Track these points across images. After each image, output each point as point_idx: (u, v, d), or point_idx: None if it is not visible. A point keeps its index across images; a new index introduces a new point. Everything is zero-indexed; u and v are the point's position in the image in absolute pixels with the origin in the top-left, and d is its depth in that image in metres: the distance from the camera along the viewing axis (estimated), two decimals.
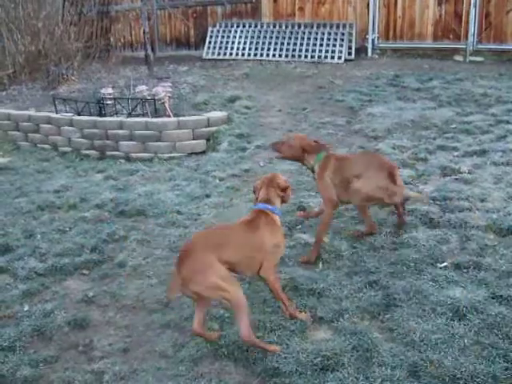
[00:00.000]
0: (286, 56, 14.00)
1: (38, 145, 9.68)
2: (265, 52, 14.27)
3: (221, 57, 14.65)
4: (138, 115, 9.22)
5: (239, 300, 3.84)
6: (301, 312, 4.31)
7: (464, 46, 12.86)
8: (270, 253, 4.20)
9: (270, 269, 4.19)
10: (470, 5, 12.79)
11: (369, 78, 11.54)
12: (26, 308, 4.69)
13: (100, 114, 9.44)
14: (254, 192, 4.53)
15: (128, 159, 8.70)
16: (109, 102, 9.62)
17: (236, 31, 14.84)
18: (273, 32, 14.49)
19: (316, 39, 13.95)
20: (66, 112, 9.64)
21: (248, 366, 3.80)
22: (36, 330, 4.36)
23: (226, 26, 15.08)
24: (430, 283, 4.54)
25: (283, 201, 4.48)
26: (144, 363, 3.95)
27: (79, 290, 4.97)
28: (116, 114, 9.42)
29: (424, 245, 5.13)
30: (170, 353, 4.03)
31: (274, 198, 4.39)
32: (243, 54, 14.49)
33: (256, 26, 14.77)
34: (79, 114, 9.45)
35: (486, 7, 12.84)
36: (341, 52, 13.59)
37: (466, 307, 4.14)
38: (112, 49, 15.71)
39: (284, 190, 4.43)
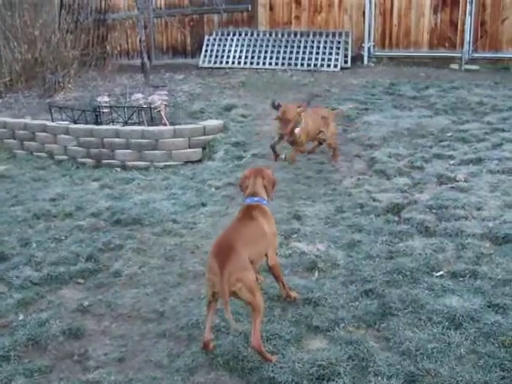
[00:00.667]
0: (283, 64, 14.02)
1: (34, 153, 9.67)
2: (261, 60, 14.30)
3: (217, 65, 14.68)
4: (134, 123, 9.22)
5: (261, 306, 3.92)
6: (292, 291, 4.59)
7: (460, 55, 12.91)
8: (272, 241, 4.40)
9: (274, 256, 4.43)
10: (465, 13, 12.84)
11: (365, 87, 11.57)
12: (21, 317, 4.66)
13: (96, 123, 9.44)
14: (241, 187, 4.60)
15: (124, 168, 8.69)
16: (105, 111, 9.63)
17: (232, 39, 14.87)
18: (269, 40, 14.52)
19: (312, 47, 13.98)
20: (62, 120, 9.64)
21: (243, 376, 3.78)
22: (31, 339, 4.33)
23: (223, 35, 15.11)
24: (426, 292, 4.52)
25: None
26: (139, 373, 3.93)
27: (74, 299, 4.94)
28: (112, 122, 9.42)
29: (420, 253, 5.12)
30: (165, 362, 4.01)
31: (260, 189, 4.48)
32: (239, 63, 14.51)
33: (252, 35, 14.80)
34: (75, 123, 9.45)
35: (481, 16, 12.89)
36: (337, 60, 13.62)
37: (462, 316, 4.13)
38: (108, 57, 15.72)
39: (271, 182, 4.56)
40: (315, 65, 13.72)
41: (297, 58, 14.00)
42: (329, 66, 13.62)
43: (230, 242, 4.01)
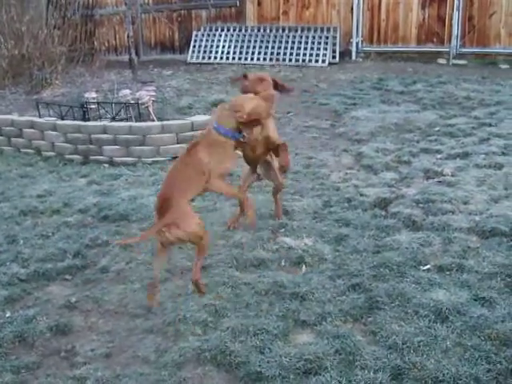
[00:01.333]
0: (271, 60, 14.03)
1: (21, 149, 9.61)
2: (249, 56, 14.31)
3: (205, 60, 14.68)
4: (121, 119, 9.19)
5: (205, 247, 4.57)
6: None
7: (447, 50, 12.98)
8: (214, 168, 4.61)
9: (216, 179, 4.65)
10: (453, 8, 12.91)
11: (353, 82, 11.61)
12: (8, 314, 4.64)
13: (84, 119, 9.40)
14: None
15: (112, 164, 8.66)
16: (92, 107, 9.59)
17: (220, 35, 14.88)
18: (257, 36, 14.54)
19: (300, 43, 14.01)
20: (50, 116, 9.60)
21: (231, 371, 3.79)
22: (18, 336, 4.32)
23: (211, 30, 15.11)
24: (413, 286, 4.54)
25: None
26: (127, 368, 3.92)
27: (62, 295, 4.93)
28: (100, 118, 9.39)
29: (407, 247, 5.14)
30: (152, 358, 4.00)
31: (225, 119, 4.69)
32: (228, 58, 14.52)
33: (240, 30, 14.81)
34: (63, 119, 9.41)
35: (469, 11, 12.96)
36: (325, 55, 13.65)
37: (449, 309, 4.15)
38: (96, 53, 15.66)
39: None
40: (303, 60, 13.74)
41: (285, 54, 14.02)
42: (317, 61, 13.64)
43: (167, 194, 4.48)
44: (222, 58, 14.60)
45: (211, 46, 14.83)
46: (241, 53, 14.45)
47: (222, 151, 4.64)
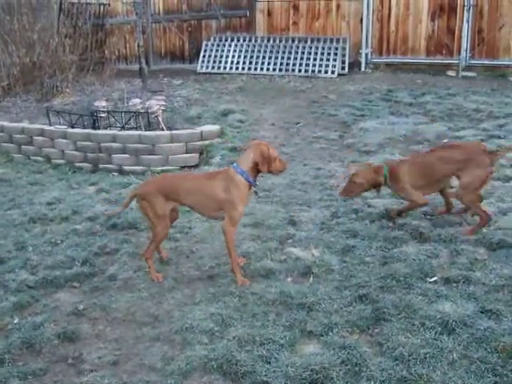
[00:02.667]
0: (280, 70, 14.07)
1: (32, 157, 9.69)
2: (259, 66, 14.34)
3: (215, 70, 14.72)
4: (131, 128, 9.24)
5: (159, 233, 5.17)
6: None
7: (457, 62, 12.97)
8: (227, 208, 4.93)
9: (229, 224, 4.95)
10: (462, 20, 12.91)
11: (362, 93, 11.62)
12: (16, 320, 4.67)
13: (94, 127, 9.46)
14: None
15: (121, 172, 8.71)
16: (102, 115, 9.64)
17: (230, 45, 14.92)
18: (267, 46, 14.57)
19: (310, 53, 14.03)
20: (60, 124, 9.66)
21: (237, 380, 3.80)
22: (25, 342, 4.35)
23: (221, 40, 15.16)
24: (420, 297, 4.54)
25: (269, 170, 5.00)
26: (133, 376, 3.94)
27: (70, 302, 4.95)
28: (109, 126, 9.44)
29: (414, 259, 5.14)
30: (159, 366, 4.02)
31: (243, 160, 4.98)
32: (237, 68, 14.56)
33: (250, 40, 14.85)
34: (73, 127, 9.47)
35: (478, 23, 12.95)
36: (334, 66, 13.66)
37: (455, 321, 4.15)
38: (106, 61, 15.75)
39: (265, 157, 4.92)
40: (313, 71, 13.77)
41: (294, 64, 14.05)
42: (326, 72, 13.67)
43: (170, 178, 5.43)
44: (231, 68, 14.64)
45: (221, 56, 14.88)
46: (250, 63, 14.49)
47: (237, 194, 4.90)
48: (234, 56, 14.75)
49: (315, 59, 13.90)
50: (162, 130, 9.10)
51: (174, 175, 6.26)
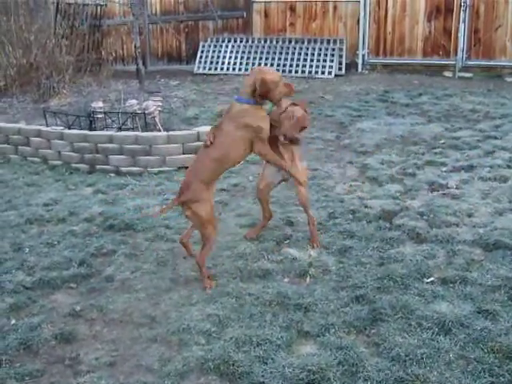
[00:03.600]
0: (277, 71, 14.05)
1: (28, 158, 9.65)
2: (255, 67, 14.34)
3: (212, 71, 14.74)
4: (128, 129, 9.23)
5: (210, 237, 4.99)
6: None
7: (453, 62, 13.00)
8: (257, 133, 5.05)
9: (262, 145, 5.09)
10: (459, 21, 12.96)
11: (359, 94, 11.64)
12: (13, 321, 4.66)
13: (90, 128, 9.44)
14: None
15: (118, 173, 8.69)
16: (99, 116, 9.63)
17: (227, 46, 14.94)
18: (264, 47, 14.60)
19: (307, 54, 14.06)
20: (57, 125, 9.64)
21: (234, 381, 3.80)
22: (22, 343, 4.34)
23: (218, 41, 15.17)
24: (417, 298, 4.55)
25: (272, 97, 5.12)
26: (130, 377, 3.94)
27: (66, 303, 4.94)
28: (106, 127, 9.43)
29: (411, 260, 5.15)
30: (156, 367, 4.01)
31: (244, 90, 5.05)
32: (234, 69, 14.58)
33: (247, 41, 14.87)
34: (70, 128, 9.45)
35: (475, 24, 13.00)
36: (331, 67, 13.69)
37: (452, 322, 4.16)
38: (103, 62, 15.74)
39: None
40: (309, 72, 13.79)
41: (291, 65, 14.07)
42: (323, 73, 13.69)
43: (189, 177, 5.04)
44: (228, 68, 14.66)
45: (218, 57, 14.89)
46: (247, 64, 14.51)
47: (251, 118, 4.97)
48: (230, 57, 14.77)
49: (312, 60, 13.93)
50: (159, 130, 9.09)
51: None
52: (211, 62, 14.90)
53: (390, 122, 9.60)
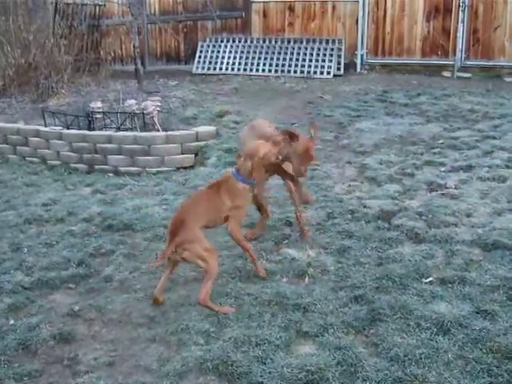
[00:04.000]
0: (276, 71, 14.09)
1: (27, 158, 9.67)
2: (254, 67, 14.36)
3: (210, 71, 14.73)
4: (126, 129, 9.23)
5: (212, 270, 4.63)
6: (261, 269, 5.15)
7: (452, 62, 12.99)
8: (233, 214, 5.01)
9: (236, 227, 5.06)
10: (457, 21, 12.94)
11: (357, 94, 11.63)
12: (12, 322, 4.67)
13: (89, 128, 9.45)
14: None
15: (116, 173, 8.70)
16: (98, 116, 9.63)
17: (226, 46, 14.93)
18: (262, 47, 14.59)
19: (305, 54, 14.05)
20: (55, 125, 9.64)
21: (232, 381, 3.80)
22: (21, 343, 4.34)
23: (216, 41, 15.17)
24: (415, 298, 4.55)
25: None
26: (129, 378, 3.94)
27: (65, 303, 4.95)
28: (105, 127, 9.42)
29: (409, 260, 5.15)
30: (154, 367, 4.02)
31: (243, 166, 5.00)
32: (233, 69, 14.57)
33: (246, 41, 14.87)
34: (68, 128, 9.45)
35: (473, 24, 12.99)
36: (330, 67, 13.69)
37: (451, 322, 4.16)
38: (102, 62, 15.71)
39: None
40: (308, 72, 13.78)
41: (290, 65, 14.06)
42: (322, 73, 13.69)
43: (183, 217, 4.74)
44: (227, 68, 14.65)
45: (217, 57, 14.88)
46: (246, 64, 14.50)
47: (240, 199, 5.01)
48: (229, 57, 14.76)
49: (311, 60, 13.92)
50: (158, 130, 9.09)
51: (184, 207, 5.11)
52: (210, 62, 14.88)
53: (389, 122, 9.59)
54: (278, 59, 14.23)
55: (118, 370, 4.05)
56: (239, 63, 14.58)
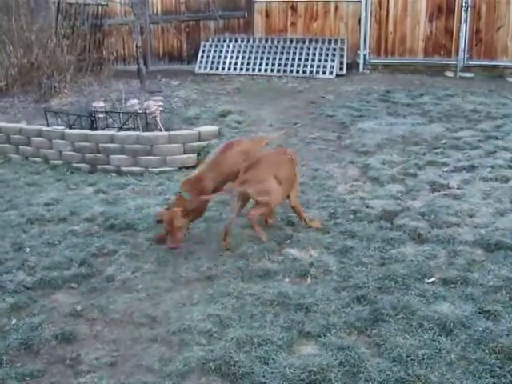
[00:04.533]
0: (278, 71, 14.07)
1: (29, 158, 9.68)
2: (257, 67, 14.34)
3: (213, 71, 14.72)
4: (129, 129, 9.24)
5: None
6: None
7: (455, 62, 12.97)
8: (295, 183, 6.04)
9: (295, 198, 5.98)
10: (460, 21, 12.91)
11: (360, 94, 11.62)
12: (14, 321, 4.66)
13: (91, 128, 9.45)
14: None
15: (119, 173, 8.70)
16: (100, 116, 9.63)
17: (228, 46, 14.92)
18: (265, 47, 14.57)
19: (308, 54, 14.03)
20: (58, 125, 9.65)
21: (235, 381, 3.79)
22: (23, 343, 4.34)
23: (219, 41, 15.16)
24: (418, 298, 4.54)
25: None
26: (131, 377, 3.93)
27: (67, 303, 4.94)
28: (107, 127, 9.43)
29: (412, 260, 5.14)
30: (156, 367, 4.01)
31: None
32: (235, 69, 14.56)
33: (248, 41, 14.85)
34: (71, 128, 9.46)
35: (476, 24, 12.95)
36: (332, 67, 13.67)
37: (453, 322, 4.15)
38: (104, 62, 15.72)
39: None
40: (311, 72, 13.76)
41: (292, 65, 14.05)
42: (324, 72, 13.67)
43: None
44: (229, 68, 14.64)
45: (219, 57, 14.87)
46: (248, 64, 14.49)
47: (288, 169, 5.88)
48: (232, 57, 14.75)
49: (313, 60, 13.90)
50: (160, 130, 9.09)
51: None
52: (212, 62, 14.88)
53: (391, 122, 9.57)
54: (281, 59, 14.22)
55: (119, 369, 4.04)
56: (241, 63, 14.57)
